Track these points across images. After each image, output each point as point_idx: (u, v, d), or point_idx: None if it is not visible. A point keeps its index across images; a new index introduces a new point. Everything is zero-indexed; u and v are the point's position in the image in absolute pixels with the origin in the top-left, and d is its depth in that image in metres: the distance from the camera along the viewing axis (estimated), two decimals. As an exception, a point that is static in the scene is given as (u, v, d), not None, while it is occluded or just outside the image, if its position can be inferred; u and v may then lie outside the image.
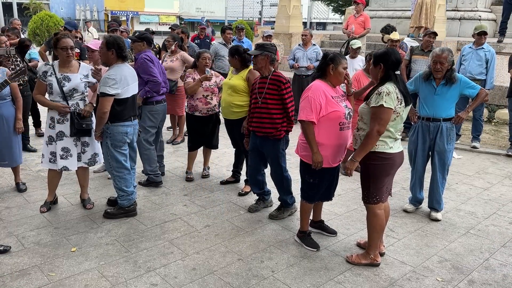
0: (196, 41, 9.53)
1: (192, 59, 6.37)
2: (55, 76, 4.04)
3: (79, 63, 4.23)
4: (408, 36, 10.29)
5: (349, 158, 3.38)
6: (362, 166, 3.42)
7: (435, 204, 4.43)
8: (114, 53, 3.96)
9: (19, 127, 4.60)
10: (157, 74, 4.89)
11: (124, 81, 3.97)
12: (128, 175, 4.21)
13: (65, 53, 4.00)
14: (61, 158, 4.17)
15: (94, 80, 4.20)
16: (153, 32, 9.59)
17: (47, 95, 4.15)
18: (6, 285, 3.12)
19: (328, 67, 3.47)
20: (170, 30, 10.75)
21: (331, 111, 3.41)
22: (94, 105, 4.33)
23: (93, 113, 4.21)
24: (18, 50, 6.30)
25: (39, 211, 4.30)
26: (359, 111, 3.43)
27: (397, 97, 3.19)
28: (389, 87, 3.18)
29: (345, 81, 3.58)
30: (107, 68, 4.09)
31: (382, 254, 3.65)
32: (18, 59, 6.02)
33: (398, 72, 3.28)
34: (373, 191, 3.36)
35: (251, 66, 4.68)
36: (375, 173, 3.33)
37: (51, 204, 4.41)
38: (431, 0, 9.82)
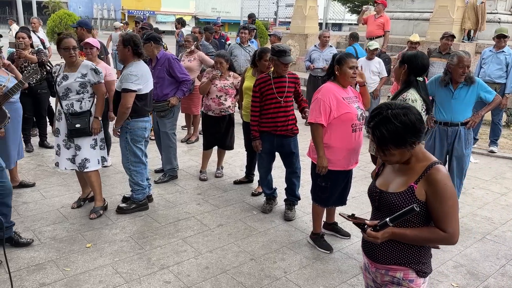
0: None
1: (209, 59, 6.40)
2: (58, 76, 4.03)
3: (84, 61, 4.05)
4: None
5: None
6: None
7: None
8: (130, 50, 4.02)
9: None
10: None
11: (144, 77, 4.08)
12: (145, 169, 4.32)
13: (67, 53, 3.88)
14: (56, 153, 4.22)
15: (94, 79, 3.97)
16: (163, 32, 9.53)
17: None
18: (23, 278, 3.18)
19: (335, 68, 3.46)
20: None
21: (343, 112, 3.38)
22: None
23: (92, 111, 4.03)
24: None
25: (71, 206, 4.38)
26: None
27: (422, 104, 3.12)
28: (415, 95, 3.09)
29: (359, 79, 3.52)
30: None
31: None
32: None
33: (421, 79, 3.20)
34: None
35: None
36: None
37: (83, 201, 4.46)
38: (482, 3, 9.79)
